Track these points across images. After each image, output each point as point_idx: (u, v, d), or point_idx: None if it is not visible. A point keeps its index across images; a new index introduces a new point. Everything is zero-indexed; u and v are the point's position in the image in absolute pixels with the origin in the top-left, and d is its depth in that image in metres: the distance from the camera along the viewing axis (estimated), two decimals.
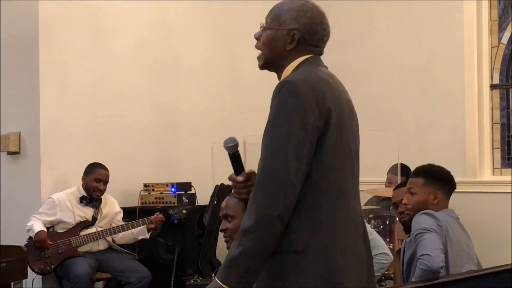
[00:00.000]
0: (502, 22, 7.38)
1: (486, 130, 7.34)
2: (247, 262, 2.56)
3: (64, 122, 6.76)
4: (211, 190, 6.91)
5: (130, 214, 6.80)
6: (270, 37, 2.83)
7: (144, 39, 7.34)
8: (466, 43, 7.36)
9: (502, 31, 7.37)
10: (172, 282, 6.45)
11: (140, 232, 6.49)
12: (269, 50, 2.83)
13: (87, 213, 6.44)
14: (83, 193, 6.44)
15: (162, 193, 7.00)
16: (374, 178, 7.19)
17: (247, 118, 7.69)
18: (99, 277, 6.45)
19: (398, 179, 6.69)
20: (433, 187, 4.33)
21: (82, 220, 6.39)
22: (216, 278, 2.58)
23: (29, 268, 6.10)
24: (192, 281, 6.21)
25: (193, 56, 7.69)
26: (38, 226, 6.19)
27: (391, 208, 5.85)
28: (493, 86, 7.39)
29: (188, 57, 7.66)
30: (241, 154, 2.88)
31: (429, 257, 3.97)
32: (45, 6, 6.64)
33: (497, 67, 7.38)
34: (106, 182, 6.46)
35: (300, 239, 2.60)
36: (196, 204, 7.09)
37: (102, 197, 6.50)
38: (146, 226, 6.41)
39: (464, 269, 4.09)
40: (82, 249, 6.34)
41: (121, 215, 6.64)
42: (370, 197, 7.12)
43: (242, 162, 2.86)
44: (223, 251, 2.66)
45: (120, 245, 6.61)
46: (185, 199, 6.90)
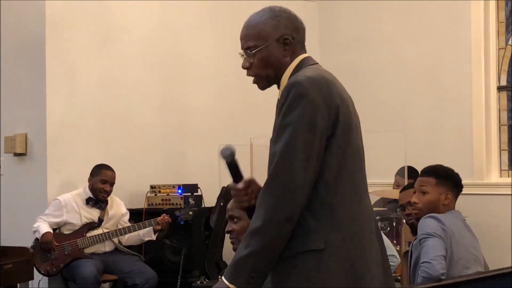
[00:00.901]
0: (509, 24, 7.36)
1: (494, 132, 7.33)
2: (255, 263, 2.56)
3: (70, 124, 6.76)
4: (218, 192, 6.90)
5: (137, 216, 6.79)
6: (264, 56, 2.80)
7: (151, 41, 7.34)
8: (474, 45, 7.35)
9: (510, 33, 7.35)
10: (178, 284, 6.44)
11: (146, 233, 6.48)
12: (268, 69, 2.82)
13: (94, 214, 6.44)
14: (90, 194, 6.44)
15: (168, 194, 6.99)
16: (382, 180, 7.18)
17: (254, 119, 7.68)
18: (105, 278, 6.45)
19: (405, 181, 6.67)
20: (444, 188, 4.32)
21: (88, 221, 6.39)
22: (223, 278, 2.58)
23: (35, 269, 6.11)
24: (198, 282, 6.21)
25: (200, 57, 7.69)
26: (44, 227, 6.19)
27: (398, 210, 5.84)
28: (500, 88, 7.37)
29: (195, 58, 7.65)
30: (248, 156, 2.87)
31: (429, 264, 3.97)
32: (52, 8, 6.65)
33: (504, 69, 7.36)
34: (112, 184, 6.46)
35: (319, 238, 2.60)
36: (202, 205, 7.08)
37: (109, 198, 6.50)
38: (152, 227, 6.40)
39: (471, 270, 4.09)
40: (88, 250, 6.33)
41: (127, 217, 6.64)
42: (377, 199, 7.11)
43: (241, 170, 2.83)
44: (230, 253, 2.66)
45: (126, 246, 6.60)
46: (191, 201, 6.90)
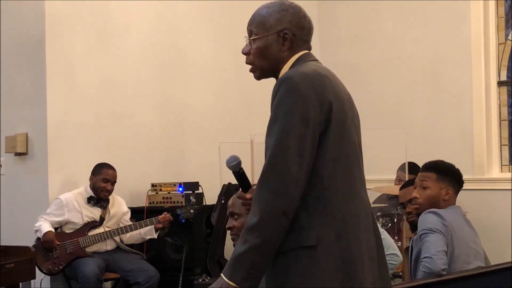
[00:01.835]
0: (509, 19, 7.36)
1: (494, 127, 7.33)
2: (253, 259, 2.55)
3: (71, 123, 6.76)
4: (219, 190, 6.90)
5: (138, 214, 6.80)
6: (262, 45, 2.81)
7: (151, 40, 7.34)
8: (473, 40, 7.35)
9: (509, 28, 7.35)
10: (180, 281, 6.45)
11: (148, 232, 6.49)
12: (264, 59, 2.82)
13: (95, 213, 6.45)
14: (91, 193, 6.45)
15: (169, 192, 7.00)
16: (382, 176, 7.19)
17: (254, 117, 7.66)
18: (107, 277, 6.46)
19: (406, 177, 6.67)
20: (445, 183, 4.32)
21: (89, 220, 6.40)
22: (222, 274, 2.58)
23: (37, 268, 6.11)
24: (200, 280, 6.22)
25: (200, 56, 7.69)
26: (46, 226, 6.20)
27: (399, 207, 5.84)
28: (500, 83, 7.37)
29: (195, 57, 7.66)
30: (248, 153, 2.88)
31: (431, 260, 3.97)
32: (51, 7, 6.65)
33: (504, 64, 7.36)
34: (113, 182, 6.47)
35: (312, 234, 2.60)
36: (203, 203, 7.09)
37: (110, 197, 6.51)
38: (154, 226, 6.41)
39: (472, 265, 4.09)
40: (90, 249, 6.34)
41: (128, 215, 6.65)
42: (378, 195, 7.12)
43: (248, 178, 2.85)
44: (231, 250, 2.66)
45: (128, 245, 6.61)
46: (192, 199, 6.90)
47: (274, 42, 2.80)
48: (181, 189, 6.96)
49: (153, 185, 7.06)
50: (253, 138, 7.03)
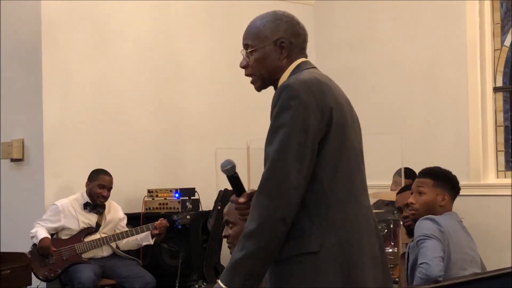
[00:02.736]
0: (505, 25, 7.37)
1: (490, 133, 7.33)
2: (251, 266, 2.56)
3: (67, 128, 6.76)
4: (215, 195, 6.90)
5: (134, 220, 6.79)
6: (260, 56, 2.83)
7: (147, 44, 7.35)
8: (469, 46, 7.36)
9: (505, 34, 7.36)
10: (176, 287, 6.44)
11: (144, 238, 6.49)
12: (263, 70, 2.84)
13: (91, 219, 6.44)
14: (87, 199, 6.44)
15: (166, 198, 7.00)
16: (378, 182, 7.17)
17: (251, 123, 7.68)
18: (104, 283, 6.44)
19: (402, 183, 6.67)
20: (441, 189, 4.33)
21: (86, 226, 6.39)
22: (219, 281, 2.58)
23: (33, 275, 6.10)
24: (196, 286, 6.22)
25: (196, 61, 7.70)
26: (42, 232, 6.19)
27: (395, 212, 5.85)
28: (496, 89, 7.38)
29: (191, 62, 7.66)
30: (244, 159, 2.89)
31: (427, 266, 3.98)
32: (47, 12, 6.66)
33: (500, 70, 7.37)
34: (110, 188, 6.46)
35: (314, 240, 2.61)
36: (200, 209, 7.08)
37: (106, 203, 6.50)
38: (150, 232, 6.40)
39: (467, 272, 4.10)
40: (86, 255, 6.33)
41: (125, 221, 6.64)
42: (374, 200, 7.11)
43: (242, 183, 2.85)
44: (228, 257, 2.66)
45: (124, 251, 6.60)
46: (189, 205, 6.90)
47: (271, 51, 2.81)
48: (177, 195, 6.96)
49: (149, 191, 7.06)
50: (249, 144, 7.03)
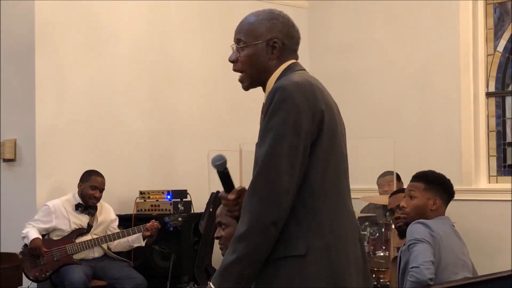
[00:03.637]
0: (497, 30, 7.39)
1: (482, 138, 7.35)
2: (242, 269, 2.55)
3: (60, 129, 6.75)
4: (207, 198, 6.89)
5: (126, 222, 6.78)
6: (250, 53, 2.80)
7: (140, 46, 7.34)
8: (462, 51, 7.38)
9: (498, 39, 7.38)
10: None
11: (135, 239, 6.47)
12: (252, 67, 2.81)
13: (83, 220, 6.42)
14: (79, 200, 6.42)
15: (157, 200, 6.99)
16: (370, 186, 7.18)
17: (244, 125, 7.68)
18: (94, 284, 6.42)
19: (394, 187, 6.68)
20: (433, 193, 4.33)
21: (77, 227, 6.38)
22: (210, 283, 2.58)
23: (24, 275, 6.09)
24: None
25: (189, 63, 7.69)
26: (33, 233, 6.18)
27: (388, 214, 5.86)
28: (489, 94, 7.39)
29: (184, 64, 7.66)
30: (237, 161, 2.88)
31: (418, 269, 3.99)
32: (41, 13, 6.65)
33: (492, 75, 7.38)
34: (102, 190, 6.45)
35: (301, 244, 2.60)
36: (191, 211, 7.08)
37: (98, 204, 6.49)
38: (141, 233, 6.39)
39: (459, 276, 4.10)
40: (77, 256, 6.32)
41: (116, 223, 6.63)
42: (366, 204, 7.12)
43: (232, 179, 2.82)
44: (219, 259, 2.66)
45: (115, 252, 6.59)
46: (180, 207, 6.90)
47: (263, 50, 2.79)
48: (169, 196, 6.96)
49: (141, 192, 7.05)
50: (242, 146, 7.03)
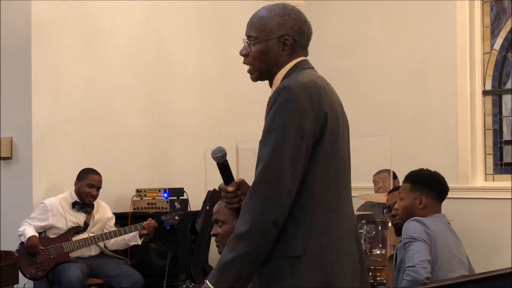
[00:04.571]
0: (494, 29, 7.40)
1: (479, 136, 7.35)
2: (240, 267, 2.55)
3: (56, 127, 6.74)
4: (204, 196, 6.90)
5: (122, 220, 6.78)
6: (261, 49, 2.79)
7: (136, 43, 7.33)
8: (459, 50, 7.38)
9: (495, 38, 7.39)
10: (164, 287, 6.43)
11: (132, 238, 6.47)
12: (262, 63, 2.80)
13: (79, 218, 6.42)
14: (76, 198, 6.42)
15: (154, 198, 6.99)
16: (367, 184, 7.19)
17: (240, 123, 7.68)
18: (91, 282, 6.41)
19: (391, 185, 6.69)
20: (418, 192, 4.33)
21: (74, 225, 6.37)
22: (207, 281, 2.57)
23: (20, 273, 6.08)
24: (184, 286, 6.20)
25: (186, 61, 7.69)
26: (30, 231, 6.17)
27: (385, 211, 5.87)
28: (485, 92, 7.40)
29: (181, 62, 7.65)
30: (234, 160, 2.88)
31: (414, 268, 3.99)
32: (37, 11, 6.63)
33: (489, 73, 7.39)
34: (99, 188, 6.44)
35: (297, 244, 2.60)
36: (188, 209, 7.08)
37: (95, 202, 6.48)
38: (138, 232, 6.39)
39: (455, 274, 4.11)
40: (74, 254, 6.31)
41: (113, 221, 6.63)
42: (362, 202, 7.13)
43: (231, 171, 2.83)
44: (216, 257, 2.65)
45: (112, 251, 6.58)
46: (177, 205, 6.90)
47: (274, 47, 2.78)
48: (166, 195, 6.95)
49: (138, 190, 7.05)
50: (238, 144, 7.03)
